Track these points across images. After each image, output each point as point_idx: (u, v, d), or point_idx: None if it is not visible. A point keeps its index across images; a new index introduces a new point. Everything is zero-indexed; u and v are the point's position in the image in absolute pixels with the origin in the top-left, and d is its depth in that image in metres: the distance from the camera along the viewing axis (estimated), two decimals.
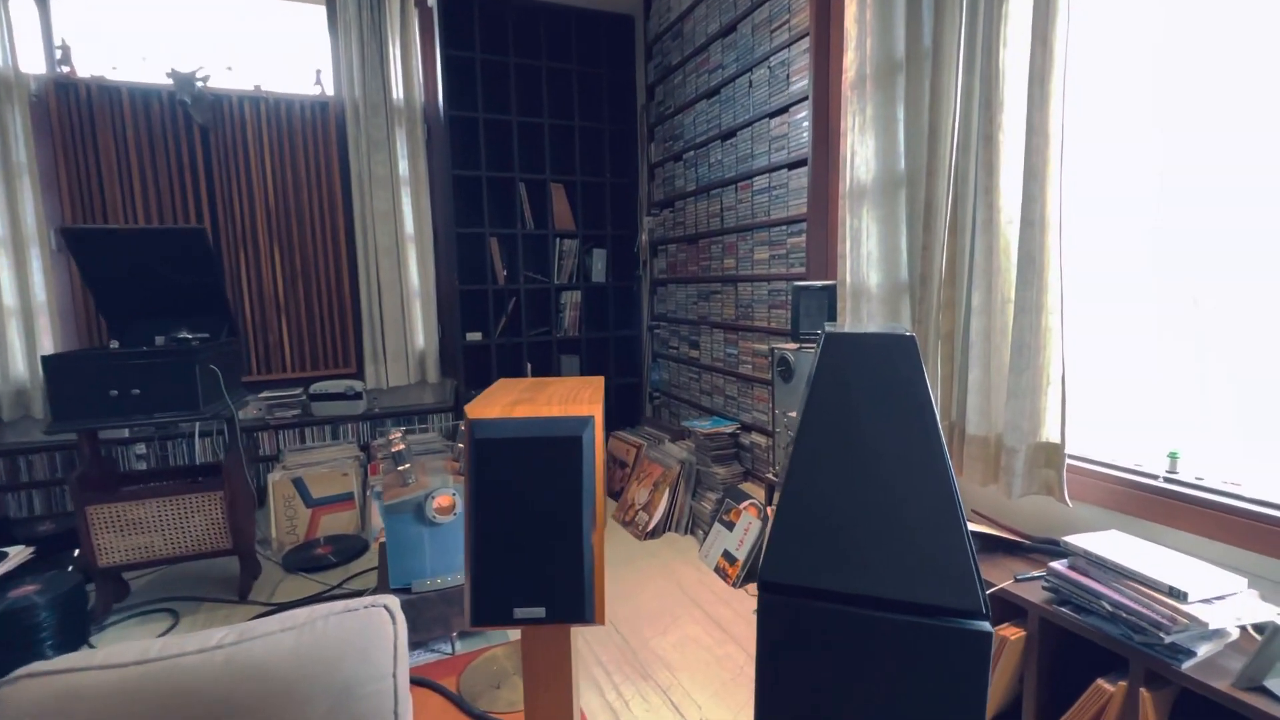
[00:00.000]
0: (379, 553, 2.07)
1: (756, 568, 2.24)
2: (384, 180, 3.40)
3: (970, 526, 1.03)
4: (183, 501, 2.27)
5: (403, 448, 2.07)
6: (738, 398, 2.98)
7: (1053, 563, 1.38)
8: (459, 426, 3.58)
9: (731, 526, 2.54)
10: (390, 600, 0.81)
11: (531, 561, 1.04)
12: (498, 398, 1.19)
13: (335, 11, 3.28)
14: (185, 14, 3.19)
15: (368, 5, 3.28)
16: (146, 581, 2.54)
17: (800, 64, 2.40)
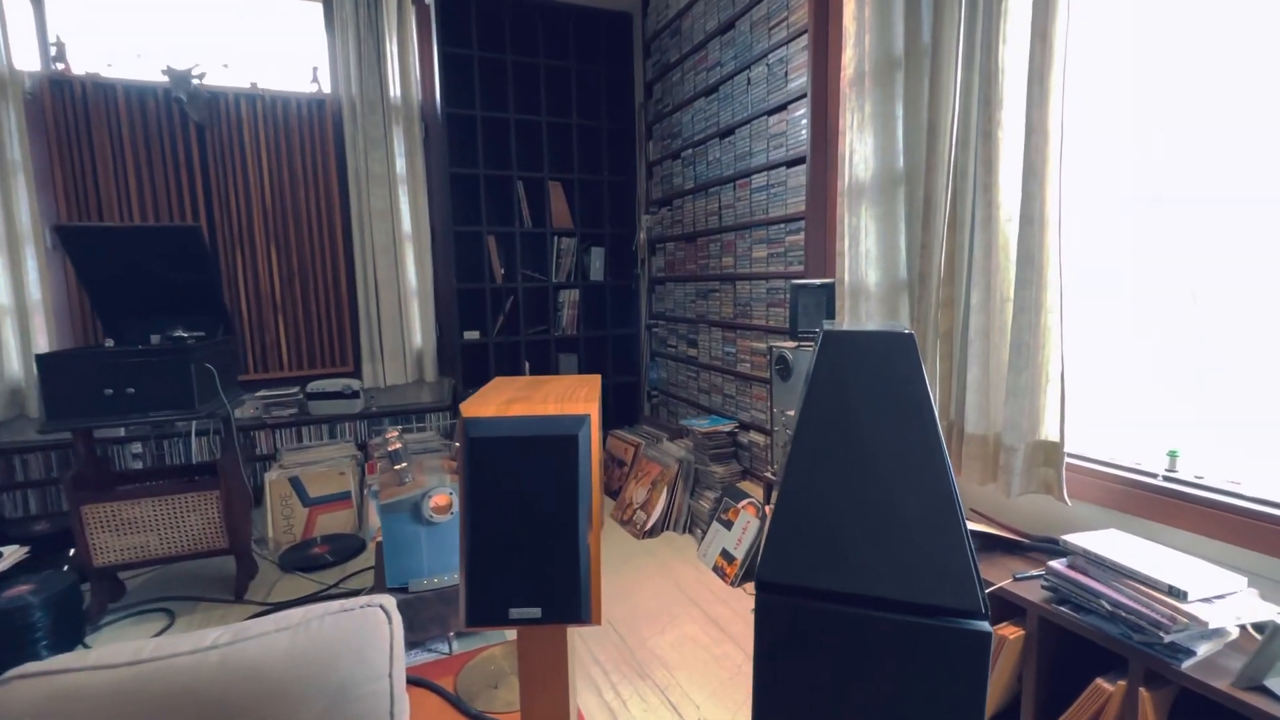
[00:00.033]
0: (376, 552, 2.07)
1: (755, 566, 2.24)
2: (381, 178, 3.39)
3: (969, 525, 1.02)
4: (179, 501, 2.26)
5: (400, 447, 2.06)
6: (736, 396, 2.97)
7: (1052, 562, 1.37)
8: (456, 425, 3.57)
9: (730, 525, 2.54)
10: (386, 600, 0.81)
11: (527, 561, 1.03)
12: (493, 396, 1.18)
13: (332, 8, 3.27)
14: (181, 11, 3.17)
15: (365, 2, 3.26)
16: (142, 581, 2.53)
17: (799, 61, 2.40)
